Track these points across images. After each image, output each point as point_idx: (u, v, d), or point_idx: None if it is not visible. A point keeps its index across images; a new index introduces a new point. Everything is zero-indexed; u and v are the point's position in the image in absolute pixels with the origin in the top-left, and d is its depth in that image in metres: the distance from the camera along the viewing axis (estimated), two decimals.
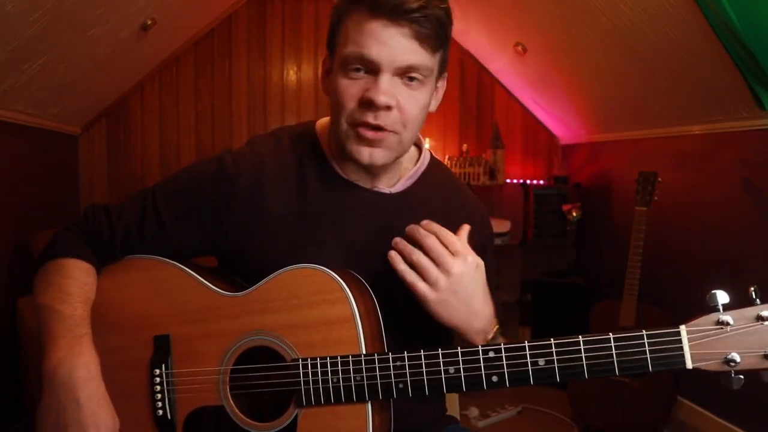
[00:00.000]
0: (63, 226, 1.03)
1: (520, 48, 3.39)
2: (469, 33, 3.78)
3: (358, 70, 0.90)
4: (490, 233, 1.16)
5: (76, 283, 0.95)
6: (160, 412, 0.94)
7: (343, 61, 0.91)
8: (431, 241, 0.87)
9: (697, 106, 2.61)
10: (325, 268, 0.89)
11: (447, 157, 3.84)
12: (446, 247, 0.88)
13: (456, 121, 4.02)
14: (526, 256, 3.93)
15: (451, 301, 0.88)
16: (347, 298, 0.88)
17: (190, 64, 3.77)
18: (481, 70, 4.02)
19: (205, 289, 0.95)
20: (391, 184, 1.04)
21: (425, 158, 1.10)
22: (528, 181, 3.93)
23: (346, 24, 0.91)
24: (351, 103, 0.91)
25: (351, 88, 0.91)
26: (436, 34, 0.90)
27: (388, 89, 0.89)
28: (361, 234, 1.00)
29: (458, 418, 1.19)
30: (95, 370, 0.89)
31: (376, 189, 1.02)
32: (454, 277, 0.87)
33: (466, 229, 0.93)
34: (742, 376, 0.74)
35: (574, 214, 3.50)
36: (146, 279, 0.98)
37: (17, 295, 2.62)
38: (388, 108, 0.90)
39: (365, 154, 0.93)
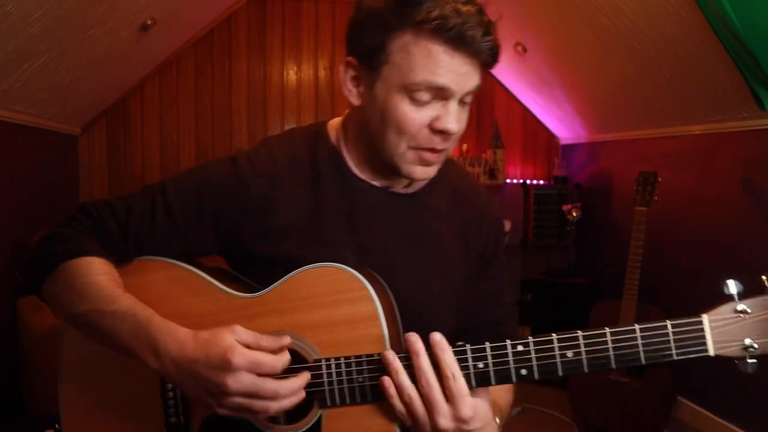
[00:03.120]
0: (59, 224, 0.96)
1: (520, 48, 3.39)
2: None
3: (427, 97, 0.88)
4: (503, 234, 1.14)
5: (108, 277, 0.90)
6: (173, 419, 0.92)
7: (409, 86, 0.87)
8: (428, 379, 0.81)
9: (697, 106, 2.61)
10: (346, 267, 0.88)
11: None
12: (445, 389, 0.80)
13: None
14: (526, 256, 3.93)
15: None
16: (371, 296, 0.86)
17: (190, 64, 3.77)
18: None
19: (218, 291, 0.93)
20: (404, 184, 1.02)
21: None
22: (528, 181, 3.93)
23: (406, 45, 0.86)
24: (419, 130, 0.89)
25: (418, 115, 0.88)
26: (493, 60, 0.90)
27: (459, 117, 0.90)
28: (375, 234, 0.98)
29: None
30: (180, 334, 0.84)
31: (391, 189, 1.02)
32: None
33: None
34: (756, 361, 0.77)
35: (574, 214, 3.50)
36: (157, 282, 0.95)
37: (17, 295, 2.62)
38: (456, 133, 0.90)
39: (421, 173, 0.93)
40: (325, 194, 0.98)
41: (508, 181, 3.89)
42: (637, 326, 0.79)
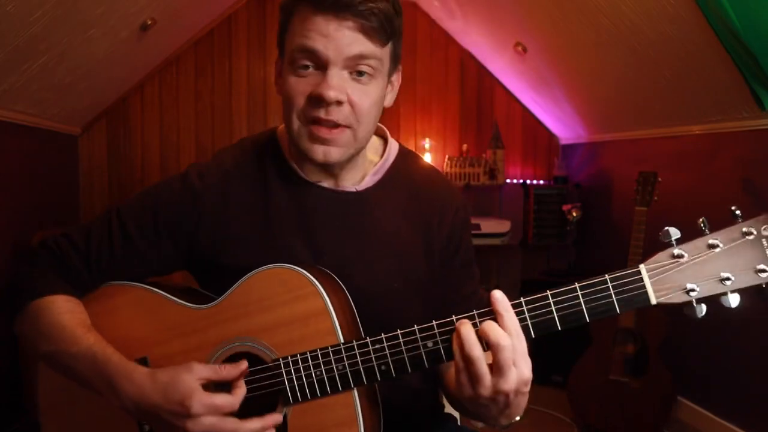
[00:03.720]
0: (21, 264, 0.98)
1: (520, 48, 3.39)
2: (469, 33, 3.79)
3: (306, 67, 0.90)
4: (467, 222, 1.11)
5: (70, 316, 0.92)
6: None
7: (291, 57, 0.90)
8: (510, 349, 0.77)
9: (697, 106, 2.61)
10: (292, 266, 0.90)
11: (447, 157, 3.85)
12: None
13: (456, 121, 4.02)
14: (526, 256, 3.93)
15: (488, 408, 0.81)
16: (318, 291, 0.88)
17: (190, 64, 3.77)
18: (481, 70, 4.02)
19: (175, 306, 0.95)
20: (356, 181, 1.02)
21: (391, 150, 1.07)
22: (528, 181, 3.93)
23: (292, 22, 0.91)
24: (301, 100, 0.90)
25: (300, 84, 0.90)
26: (381, 26, 0.88)
27: (337, 84, 0.88)
28: (327, 235, 0.99)
29: (457, 416, 1.19)
30: (136, 377, 0.86)
31: (339, 188, 1.01)
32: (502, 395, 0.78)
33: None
34: (704, 305, 0.77)
35: (574, 214, 3.50)
36: (120, 305, 0.97)
37: None
38: (339, 103, 0.89)
39: (320, 152, 0.92)
40: (275, 201, 0.99)
41: (508, 181, 3.89)
42: (577, 284, 0.80)
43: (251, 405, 0.92)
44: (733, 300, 0.76)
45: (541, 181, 3.99)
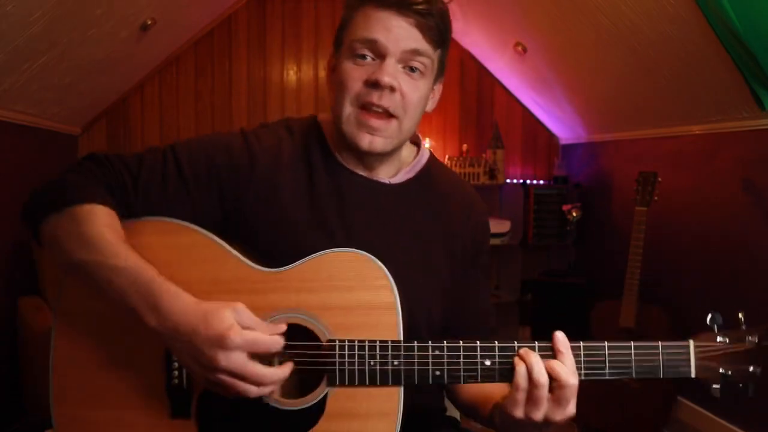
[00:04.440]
0: (66, 169, 0.94)
1: (520, 48, 3.39)
2: (469, 33, 3.78)
3: (363, 56, 0.96)
4: (488, 232, 1.17)
5: (112, 230, 0.89)
6: (176, 381, 0.91)
7: (351, 46, 0.96)
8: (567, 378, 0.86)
9: (697, 106, 2.61)
10: (371, 256, 0.92)
11: (447, 157, 3.85)
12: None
13: (456, 121, 4.02)
14: (526, 256, 3.93)
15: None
16: (391, 286, 0.90)
17: (190, 64, 3.77)
18: (481, 70, 4.02)
19: (236, 261, 0.93)
20: (390, 175, 1.07)
21: (424, 153, 1.12)
22: (528, 181, 3.93)
23: (355, 19, 0.97)
24: (356, 85, 0.96)
25: (357, 71, 0.96)
26: (437, 27, 0.96)
27: (392, 72, 0.95)
28: (359, 222, 1.01)
29: (458, 418, 1.19)
30: (183, 299, 0.84)
31: (375, 178, 1.05)
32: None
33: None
34: (721, 387, 0.88)
35: (574, 214, 3.50)
36: (170, 243, 0.94)
37: (17, 294, 2.62)
38: (392, 90, 0.95)
39: (366, 140, 0.97)
40: (318, 182, 1.02)
41: (508, 181, 3.88)
42: (632, 343, 0.88)
43: (293, 378, 0.92)
44: (754, 389, 0.87)
45: (541, 181, 3.99)
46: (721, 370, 0.87)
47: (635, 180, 2.63)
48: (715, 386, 0.87)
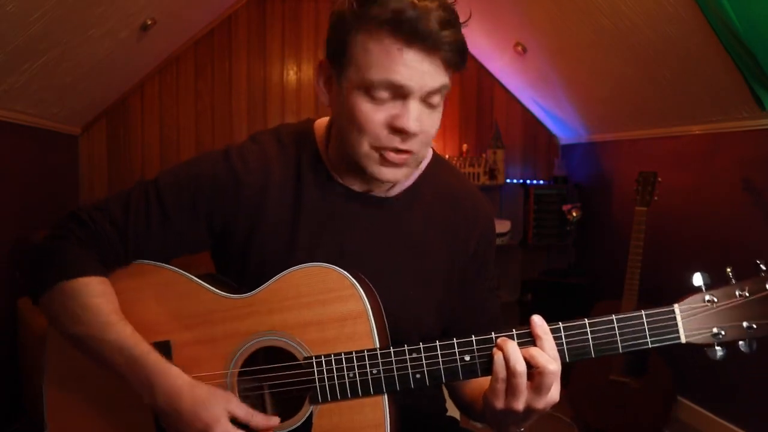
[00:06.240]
0: (52, 233, 0.95)
1: (520, 48, 3.39)
2: (469, 33, 3.78)
3: (383, 96, 0.86)
4: (494, 236, 1.12)
5: (104, 300, 0.91)
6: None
7: (367, 84, 0.86)
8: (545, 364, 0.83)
9: (697, 106, 2.61)
10: (335, 266, 0.89)
11: (447, 157, 3.85)
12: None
13: (456, 121, 4.02)
14: (526, 256, 3.93)
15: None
16: (359, 294, 0.88)
17: (190, 64, 3.77)
18: (481, 70, 4.02)
19: (205, 292, 0.94)
20: (387, 188, 1.01)
21: (425, 159, 1.07)
22: (528, 181, 3.93)
23: (364, 42, 0.85)
24: (378, 129, 0.87)
25: (377, 113, 0.87)
26: (461, 58, 0.88)
27: (418, 116, 0.87)
28: (353, 239, 0.99)
29: (458, 418, 1.19)
30: (178, 382, 0.87)
31: (371, 193, 1.01)
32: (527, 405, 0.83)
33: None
34: (723, 348, 0.83)
35: (574, 214, 3.50)
36: (141, 285, 0.95)
37: (17, 295, 2.62)
38: (416, 134, 0.88)
39: (389, 174, 0.92)
40: (306, 198, 0.98)
41: (508, 181, 3.89)
42: (614, 316, 0.85)
43: (276, 401, 0.93)
44: (750, 346, 0.83)
45: (541, 181, 3.99)
46: (714, 330, 0.82)
47: (635, 180, 2.62)
48: (712, 350, 0.82)
